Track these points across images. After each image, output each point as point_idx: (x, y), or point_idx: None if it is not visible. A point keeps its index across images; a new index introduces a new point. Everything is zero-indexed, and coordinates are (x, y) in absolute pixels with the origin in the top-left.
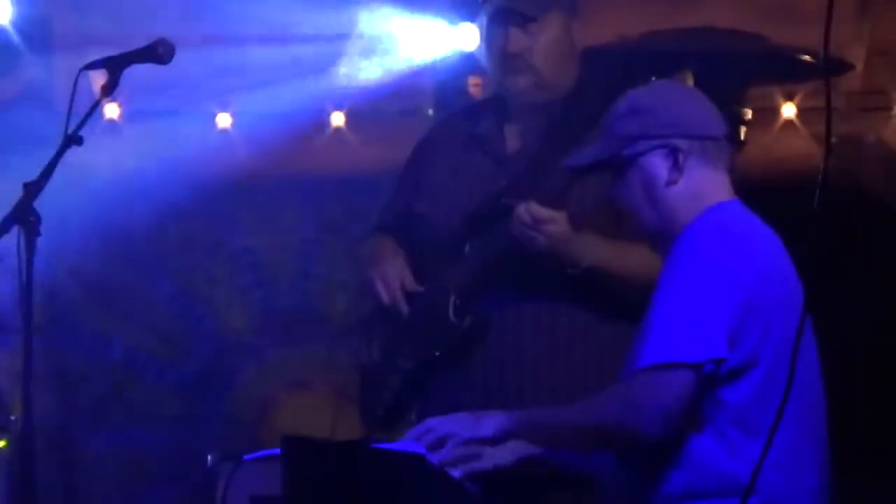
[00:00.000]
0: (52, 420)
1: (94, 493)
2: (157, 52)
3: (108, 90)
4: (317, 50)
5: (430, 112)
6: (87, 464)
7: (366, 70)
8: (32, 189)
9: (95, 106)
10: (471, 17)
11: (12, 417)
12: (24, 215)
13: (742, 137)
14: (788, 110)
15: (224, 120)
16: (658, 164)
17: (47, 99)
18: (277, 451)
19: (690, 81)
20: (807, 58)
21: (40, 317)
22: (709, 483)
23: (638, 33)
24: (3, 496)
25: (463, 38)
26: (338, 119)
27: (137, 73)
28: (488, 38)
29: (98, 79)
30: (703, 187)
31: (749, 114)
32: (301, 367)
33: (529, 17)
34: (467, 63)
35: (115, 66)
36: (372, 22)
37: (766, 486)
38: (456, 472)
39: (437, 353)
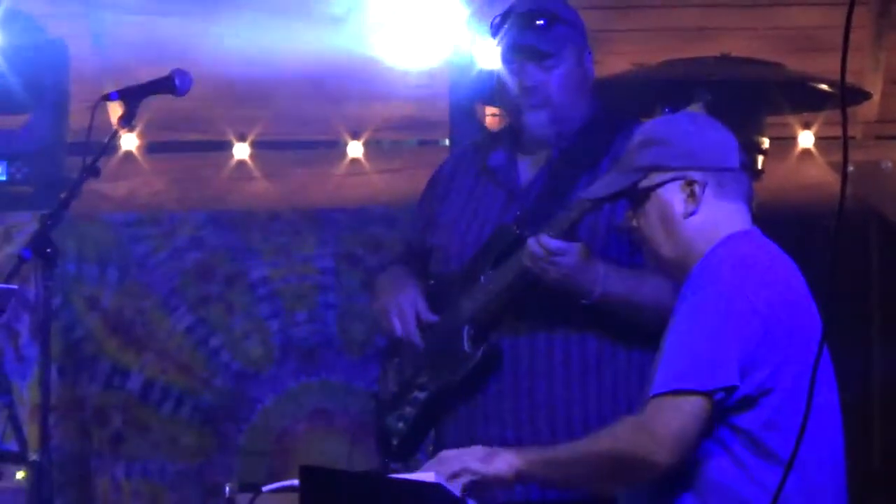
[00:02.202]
0: (69, 451)
1: None
2: (174, 84)
3: (126, 121)
4: (336, 80)
5: (447, 143)
6: (104, 495)
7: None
8: (50, 221)
9: (113, 137)
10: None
11: (31, 449)
12: (42, 247)
13: (759, 166)
14: (806, 139)
15: (242, 150)
16: (675, 196)
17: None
18: (295, 482)
19: (704, 111)
20: (824, 87)
21: (58, 348)
22: None
23: (655, 62)
24: None
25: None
26: (355, 150)
27: (155, 103)
28: (504, 73)
29: (115, 110)
30: (720, 218)
31: (766, 143)
32: (318, 397)
33: (545, 53)
34: (484, 94)
35: (131, 97)
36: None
37: None
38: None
39: (452, 383)
